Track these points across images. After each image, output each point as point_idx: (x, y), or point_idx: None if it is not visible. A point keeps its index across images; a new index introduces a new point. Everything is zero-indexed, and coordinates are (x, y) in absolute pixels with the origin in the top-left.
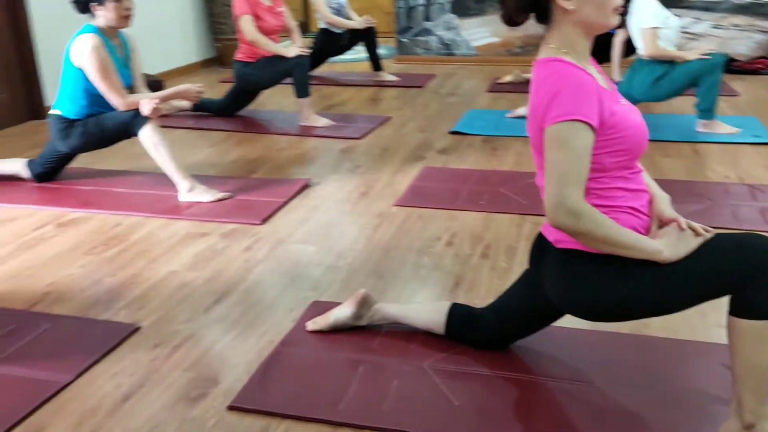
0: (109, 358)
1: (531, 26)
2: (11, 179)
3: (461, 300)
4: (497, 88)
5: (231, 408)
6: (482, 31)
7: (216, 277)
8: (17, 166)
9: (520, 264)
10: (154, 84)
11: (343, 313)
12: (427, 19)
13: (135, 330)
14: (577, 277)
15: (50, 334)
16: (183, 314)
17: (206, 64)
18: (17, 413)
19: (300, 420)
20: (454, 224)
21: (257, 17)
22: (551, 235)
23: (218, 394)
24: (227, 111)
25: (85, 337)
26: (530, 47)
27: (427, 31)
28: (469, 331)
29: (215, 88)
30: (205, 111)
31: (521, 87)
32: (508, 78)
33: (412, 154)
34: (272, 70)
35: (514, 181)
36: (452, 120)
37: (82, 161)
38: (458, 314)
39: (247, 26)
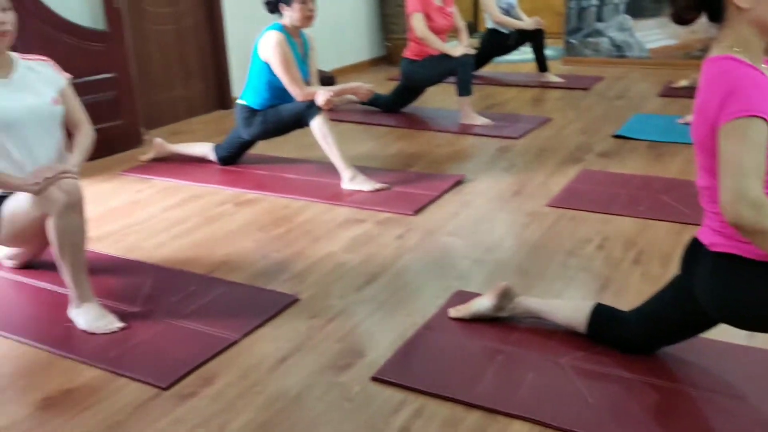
0: (272, 323)
1: (712, 29)
2: (200, 161)
3: (607, 303)
4: (670, 92)
5: (374, 379)
6: (658, 33)
7: (369, 260)
8: (206, 149)
9: (674, 272)
10: (327, 80)
11: (484, 303)
12: (599, 19)
13: (295, 301)
14: (733, 283)
15: (224, 297)
16: (337, 291)
17: (376, 62)
18: (195, 360)
19: (435, 397)
20: (608, 228)
21: (428, 17)
22: (706, 239)
23: (363, 365)
24: (392, 107)
25: (253, 303)
26: None
27: (598, 32)
28: (612, 333)
29: (383, 85)
30: (372, 106)
31: None
32: (683, 82)
33: (571, 156)
34: (437, 68)
35: (677, 188)
36: (617, 123)
37: (260, 148)
38: (602, 314)
39: (418, 23)
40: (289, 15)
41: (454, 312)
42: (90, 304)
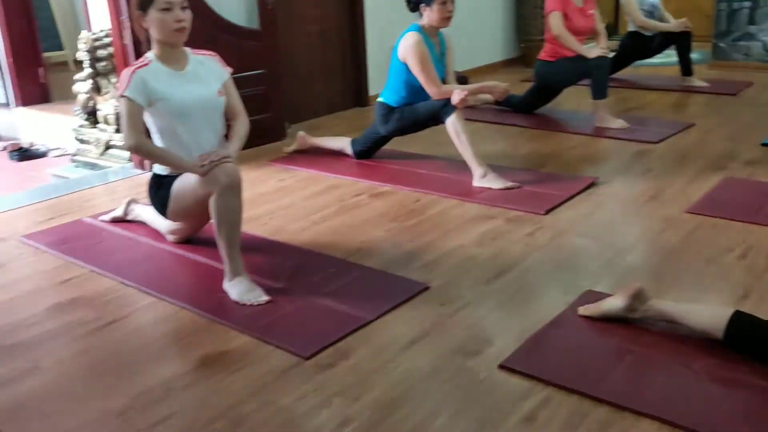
0: (403, 307)
1: None
2: (338, 154)
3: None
4: None
5: (501, 367)
6: None
7: (498, 255)
8: (343, 143)
9: None
10: (460, 79)
11: (616, 303)
12: (752, 22)
13: (425, 288)
14: None
15: (359, 280)
16: (467, 282)
17: (509, 63)
18: (332, 336)
19: (562, 389)
20: (752, 237)
21: (567, 16)
22: None
23: (491, 353)
24: (526, 108)
25: (386, 287)
26: None
27: (750, 36)
28: (752, 342)
29: (516, 86)
30: (506, 106)
31: None
32: None
33: (714, 164)
34: (572, 70)
35: None
36: (766, 131)
37: (393, 144)
38: (742, 322)
39: (555, 21)
40: (428, 15)
41: (584, 310)
42: (241, 278)
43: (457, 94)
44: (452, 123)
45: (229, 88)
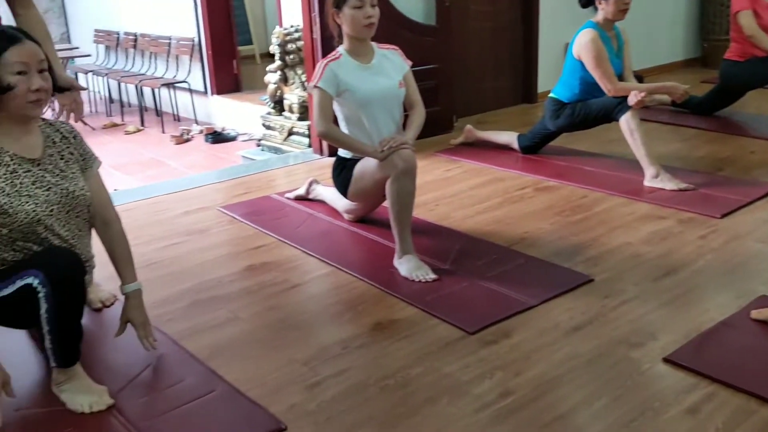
0: (566, 296)
1: None
2: (503, 148)
3: None
4: None
5: (666, 360)
6: None
7: (667, 255)
8: (510, 138)
9: None
10: (635, 79)
11: None
12: None
13: (589, 281)
14: None
15: (523, 267)
16: (633, 278)
17: (689, 63)
18: (493, 317)
19: (729, 387)
20: None
21: (756, 14)
22: None
23: (655, 347)
24: (705, 110)
25: (548, 276)
26: None
27: None
28: None
29: (695, 87)
30: (684, 108)
31: None
32: None
33: None
34: (762, 71)
35: None
36: None
37: (561, 141)
38: None
39: (746, 21)
40: (604, 9)
41: (757, 314)
42: (410, 256)
43: (634, 96)
44: (626, 121)
45: (408, 80)
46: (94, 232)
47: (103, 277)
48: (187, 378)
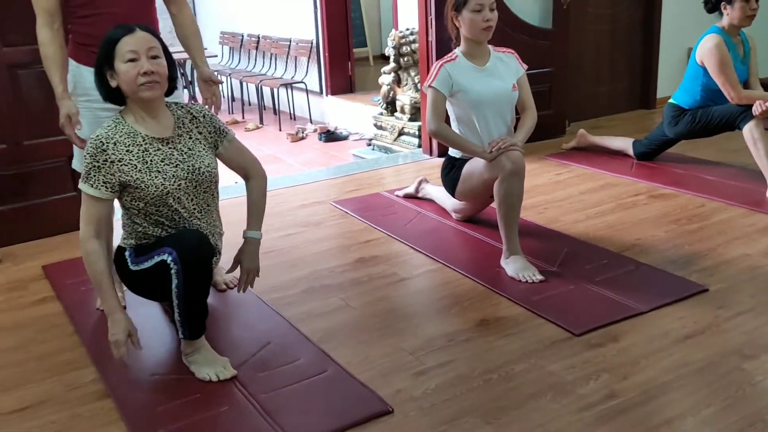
0: (678, 304)
1: None
2: (616, 154)
3: None
4: None
5: None
6: None
7: None
8: (625, 144)
9: None
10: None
11: None
12: None
13: (703, 290)
14: None
15: (633, 274)
16: (749, 290)
17: None
18: (601, 320)
19: None
20: None
21: None
22: None
23: None
24: None
25: (660, 284)
26: None
27: None
28: None
29: None
30: None
31: None
32: None
33: None
34: None
35: None
36: None
37: (679, 149)
38: None
39: None
40: (730, 14)
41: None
42: (517, 257)
43: (759, 105)
44: (750, 130)
45: (522, 84)
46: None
47: (226, 261)
48: (302, 358)
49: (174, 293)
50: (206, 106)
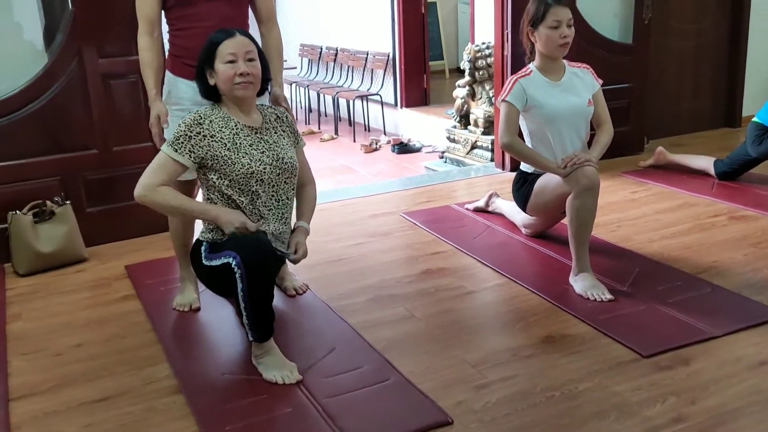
0: (754, 330)
1: None
2: (696, 173)
3: None
4: None
5: None
6: None
7: None
8: (706, 163)
9: None
10: None
11: None
12: None
13: None
14: None
15: (708, 297)
16: None
17: None
18: (670, 343)
19: None
20: None
21: None
22: None
23: None
24: None
25: (736, 308)
26: None
27: None
28: None
29: None
30: None
31: None
32: None
33: None
34: None
35: None
36: None
37: (764, 168)
38: None
39: None
40: None
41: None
42: (587, 274)
43: None
44: None
45: (598, 99)
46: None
47: (295, 267)
48: (365, 365)
49: (240, 296)
50: (281, 107)
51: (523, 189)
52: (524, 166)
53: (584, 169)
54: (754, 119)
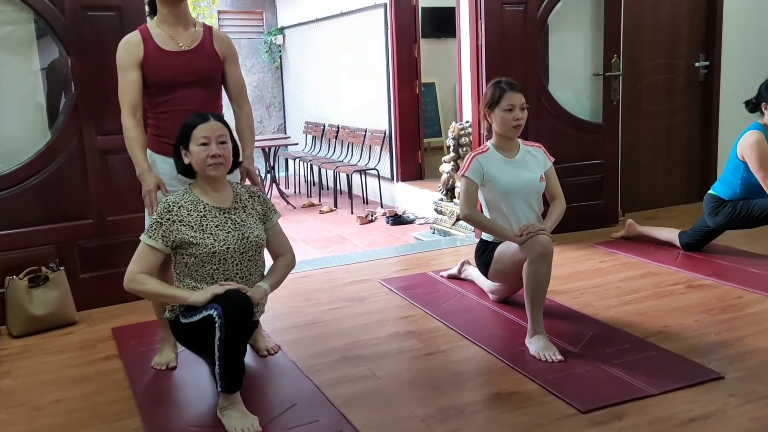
0: (690, 389)
1: None
2: (665, 244)
3: None
4: None
5: None
6: None
7: None
8: (672, 235)
9: None
10: None
11: None
12: None
13: (719, 378)
14: None
15: (652, 358)
16: (766, 379)
17: None
18: (608, 399)
19: None
20: None
21: None
22: None
23: None
24: None
25: (676, 369)
26: None
27: None
28: None
29: None
30: None
31: None
32: None
33: None
34: None
35: None
36: None
37: (728, 240)
38: None
39: None
40: None
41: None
42: (540, 336)
43: None
44: None
45: (550, 175)
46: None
47: (271, 329)
48: (321, 419)
49: (216, 345)
50: (254, 185)
51: (484, 256)
52: (485, 235)
53: (539, 238)
54: (710, 192)
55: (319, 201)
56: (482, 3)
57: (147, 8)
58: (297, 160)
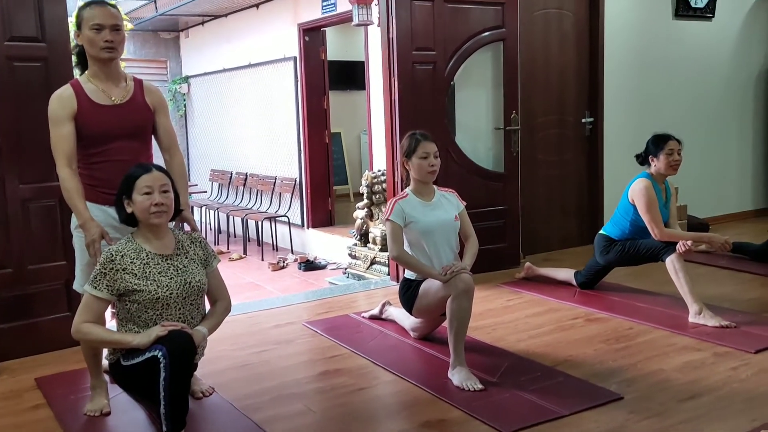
0: (596, 409)
1: None
2: (563, 284)
3: None
4: None
5: None
6: None
7: (696, 382)
8: (568, 274)
9: None
10: (698, 226)
11: None
12: None
13: (619, 398)
14: None
15: (561, 384)
16: (659, 398)
17: (759, 213)
18: (527, 421)
19: None
20: None
21: None
22: None
23: None
24: (764, 257)
25: (583, 392)
26: None
27: None
28: None
29: (762, 236)
30: (742, 254)
31: None
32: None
33: None
34: None
35: None
36: None
37: (618, 278)
38: None
39: None
40: (656, 165)
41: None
42: (462, 368)
43: (683, 245)
44: (671, 262)
45: (463, 216)
46: None
47: (202, 373)
48: None
49: (161, 385)
50: (194, 232)
51: (408, 293)
52: (408, 274)
53: (461, 276)
54: (601, 232)
55: (228, 249)
56: (395, 60)
57: (75, 59)
58: (204, 208)
